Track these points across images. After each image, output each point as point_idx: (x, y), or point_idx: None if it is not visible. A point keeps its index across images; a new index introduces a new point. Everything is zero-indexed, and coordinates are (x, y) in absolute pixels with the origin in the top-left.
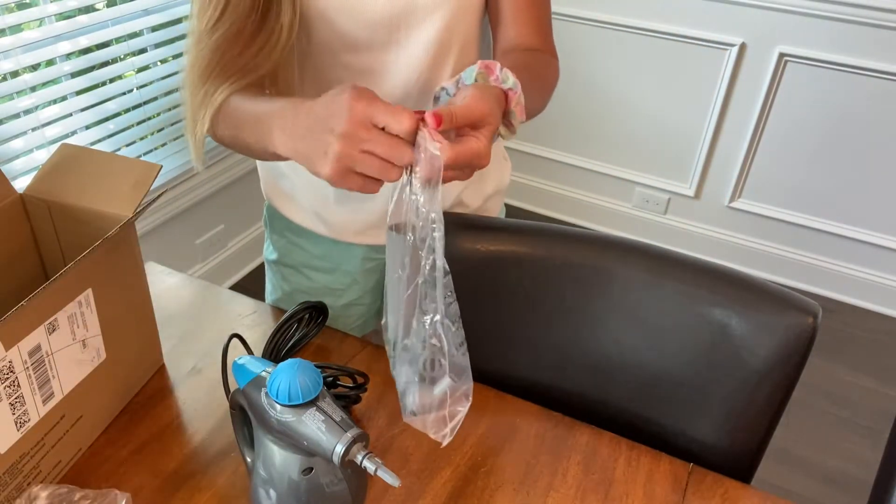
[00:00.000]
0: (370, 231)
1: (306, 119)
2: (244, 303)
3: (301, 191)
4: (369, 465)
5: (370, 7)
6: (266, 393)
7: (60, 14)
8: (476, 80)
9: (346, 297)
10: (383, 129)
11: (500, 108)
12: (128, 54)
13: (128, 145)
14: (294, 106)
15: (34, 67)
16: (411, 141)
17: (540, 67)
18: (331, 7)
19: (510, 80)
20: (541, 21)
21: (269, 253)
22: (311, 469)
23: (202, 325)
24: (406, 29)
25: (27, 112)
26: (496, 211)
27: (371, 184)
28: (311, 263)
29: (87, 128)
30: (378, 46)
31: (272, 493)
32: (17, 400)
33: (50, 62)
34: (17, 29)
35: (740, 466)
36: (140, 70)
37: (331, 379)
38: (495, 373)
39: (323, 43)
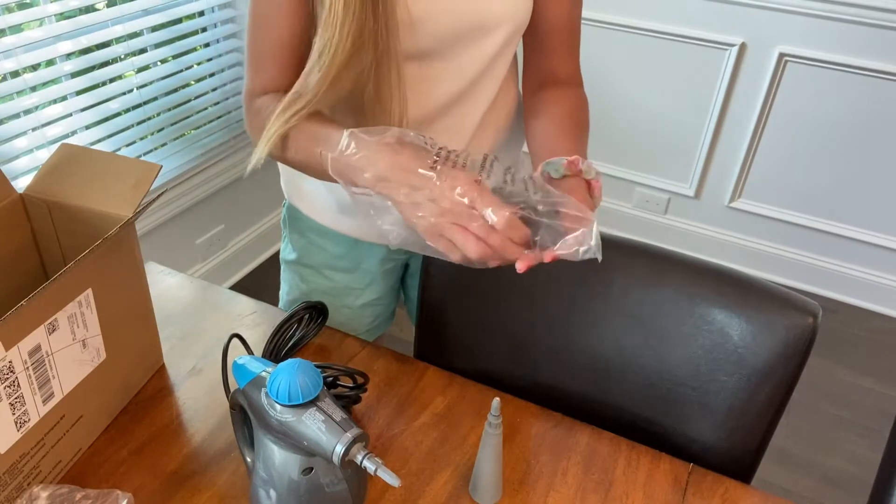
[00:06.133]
0: None
1: (406, 170)
2: (244, 303)
3: (325, 192)
4: (369, 465)
5: (442, 21)
6: (266, 393)
7: (61, 14)
8: (563, 174)
9: (365, 296)
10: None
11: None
12: (128, 54)
13: (128, 145)
14: (378, 145)
15: (34, 67)
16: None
17: (583, 115)
18: (403, 20)
19: (592, 172)
20: (576, 48)
21: (287, 253)
22: (311, 469)
23: (202, 325)
24: (468, 43)
25: (27, 112)
26: None
27: (454, 251)
28: (332, 264)
29: (88, 128)
30: (437, 57)
31: (272, 493)
32: (17, 400)
33: (50, 62)
34: (17, 29)
35: (740, 466)
36: (140, 70)
37: (331, 379)
38: (495, 373)
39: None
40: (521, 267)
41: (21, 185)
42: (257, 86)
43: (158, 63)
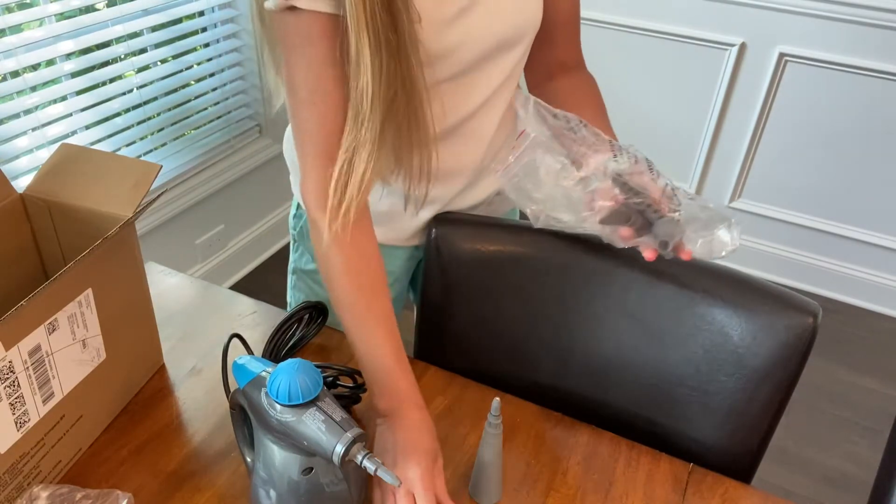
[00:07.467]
0: (420, 233)
1: (394, 445)
2: (244, 303)
3: None
4: (369, 465)
5: (474, 46)
6: (266, 393)
7: (61, 14)
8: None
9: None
10: None
11: None
12: (128, 54)
13: (128, 145)
14: (391, 435)
15: (34, 67)
16: None
17: (601, 97)
18: (440, 54)
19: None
20: (578, 33)
21: (303, 263)
22: (311, 469)
23: (202, 325)
24: (496, 58)
25: (27, 112)
26: None
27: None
28: None
29: (88, 128)
30: (467, 73)
31: (272, 493)
32: (17, 400)
33: (50, 62)
34: (17, 29)
35: (740, 466)
36: (140, 70)
37: (331, 379)
38: (495, 373)
39: (428, 75)
40: (650, 256)
41: (21, 185)
42: (311, 186)
43: (158, 63)
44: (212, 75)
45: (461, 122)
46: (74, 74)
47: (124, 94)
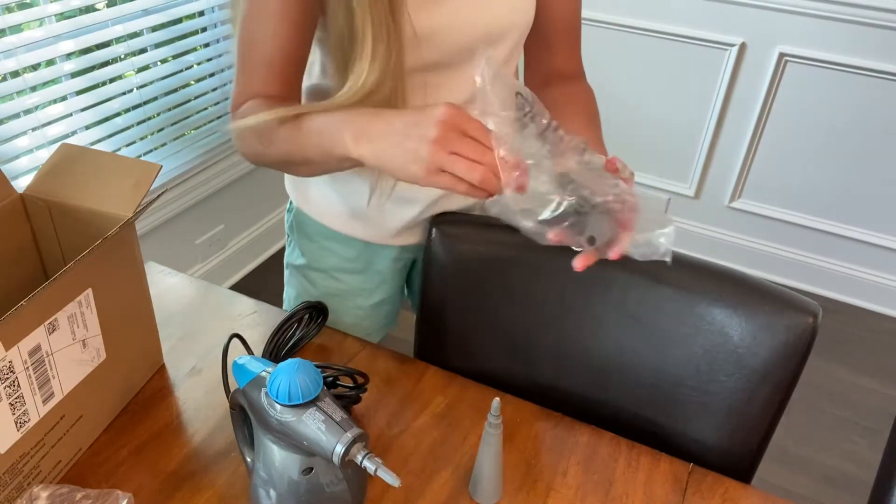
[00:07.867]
0: (405, 233)
1: (393, 125)
2: (244, 303)
3: (337, 197)
4: (369, 465)
5: (452, 35)
6: (266, 393)
7: (61, 14)
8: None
9: (376, 296)
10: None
11: None
12: (128, 54)
13: (128, 145)
14: (371, 114)
15: (35, 67)
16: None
17: (596, 108)
18: (426, 35)
19: (627, 172)
20: (579, 42)
21: (294, 258)
22: (311, 469)
23: (202, 325)
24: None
25: (27, 112)
26: None
27: (459, 183)
28: (343, 266)
29: (88, 128)
30: (447, 66)
31: (272, 493)
32: (17, 400)
33: (50, 62)
34: (17, 29)
35: (740, 466)
36: (140, 70)
37: (331, 379)
38: (495, 373)
39: (412, 58)
40: (578, 265)
41: (21, 185)
42: (245, 93)
43: (158, 63)
44: (212, 75)
45: None
46: (74, 74)
47: (124, 94)
